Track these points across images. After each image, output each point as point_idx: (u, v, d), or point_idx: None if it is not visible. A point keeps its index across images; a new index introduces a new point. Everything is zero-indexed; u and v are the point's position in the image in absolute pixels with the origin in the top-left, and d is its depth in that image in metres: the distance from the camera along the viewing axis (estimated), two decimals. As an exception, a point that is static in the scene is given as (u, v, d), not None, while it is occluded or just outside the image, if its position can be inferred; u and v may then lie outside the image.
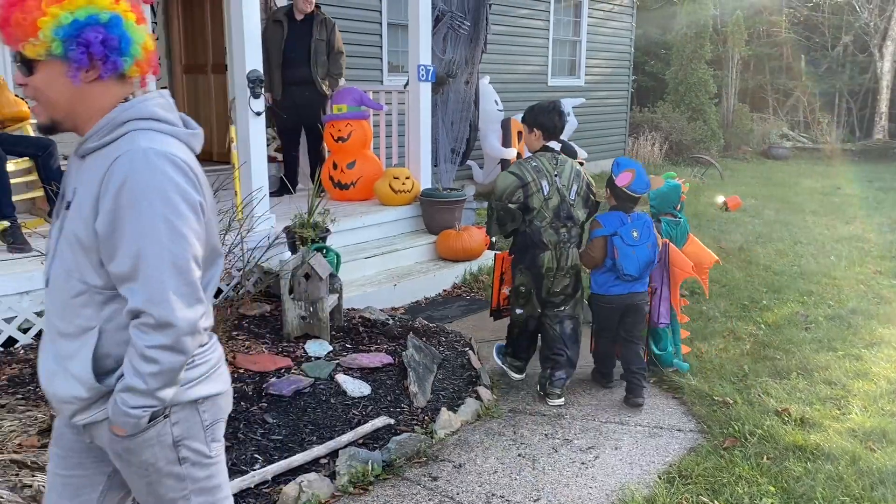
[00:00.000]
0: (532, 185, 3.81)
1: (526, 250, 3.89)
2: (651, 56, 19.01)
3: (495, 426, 3.62)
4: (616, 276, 3.85)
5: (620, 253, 3.78)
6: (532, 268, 3.87)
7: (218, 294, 4.77)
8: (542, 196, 3.81)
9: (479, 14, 7.34)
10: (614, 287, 3.88)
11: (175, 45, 8.16)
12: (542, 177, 3.83)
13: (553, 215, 3.83)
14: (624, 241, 3.79)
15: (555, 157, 3.91)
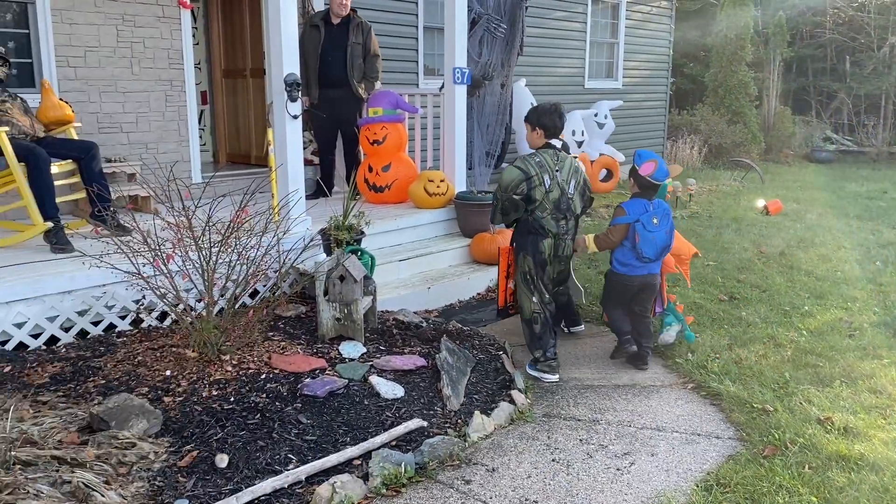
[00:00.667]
0: (535, 179, 4.13)
1: (528, 236, 4.22)
2: (690, 58, 18.75)
3: (529, 430, 3.59)
4: (636, 257, 4.17)
5: (642, 238, 4.11)
6: (535, 254, 4.20)
7: (254, 295, 4.82)
8: (543, 189, 4.13)
9: (516, 16, 7.31)
10: (636, 269, 4.23)
11: (215, 50, 8.28)
12: (544, 171, 4.15)
13: (554, 207, 4.16)
14: (645, 228, 4.13)
15: (556, 153, 4.24)
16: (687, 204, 9.73)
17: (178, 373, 3.73)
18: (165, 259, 3.82)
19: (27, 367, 3.79)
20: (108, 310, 4.32)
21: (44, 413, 3.28)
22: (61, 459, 2.82)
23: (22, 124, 4.93)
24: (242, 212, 4.00)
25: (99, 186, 4.82)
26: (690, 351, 4.59)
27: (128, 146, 6.25)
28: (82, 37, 5.87)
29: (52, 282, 4.10)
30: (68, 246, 4.59)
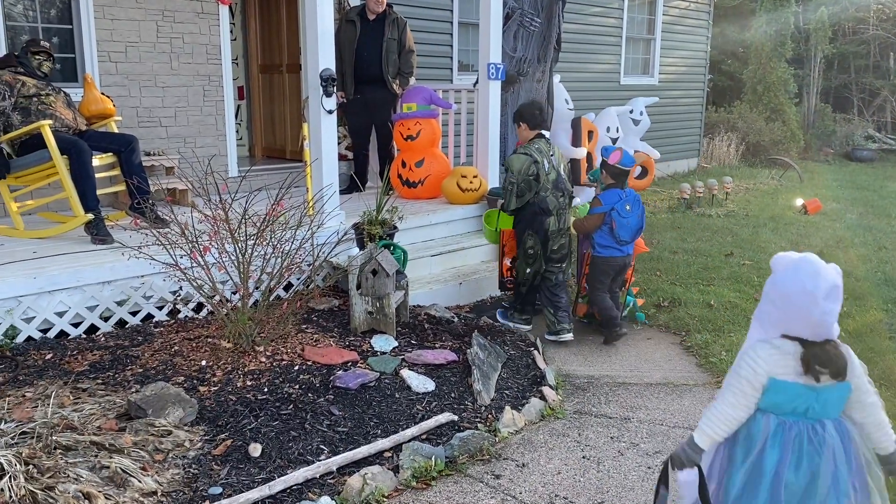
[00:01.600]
0: (539, 162, 4.67)
1: (534, 217, 4.73)
2: (728, 55, 18.46)
3: (560, 427, 3.58)
4: (615, 240, 4.67)
5: (618, 224, 4.62)
6: (539, 231, 4.73)
7: (288, 288, 4.87)
8: (545, 171, 4.69)
9: (553, 11, 7.26)
10: (616, 251, 4.72)
11: (252, 45, 8.37)
12: (543, 156, 4.72)
13: (553, 186, 4.74)
14: (620, 215, 4.62)
15: (547, 141, 4.84)
16: (723, 202, 9.60)
17: (213, 363, 3.79)
18: (202, 251, 3.89)
19: (68, 355, 3.89)
20: (145, 300, 4.40)
21: (83, 400, 3.36)
22: (100, 445, 2.89)
23: (65, 118, 5.04)
24: (278, 205, 4.05)
25: (138, 179, 4.91)
26: (725, 350, 4.54)
27: (166, 140, 6.36)
28: (123, 32, 5.98)
29: (92, 272, 4.19)
30: (108, 237, 4.69)
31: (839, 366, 2.01)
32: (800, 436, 2.04)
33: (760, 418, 2.09)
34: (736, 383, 2.08)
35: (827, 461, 2.02)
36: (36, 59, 5.05)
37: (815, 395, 2.03)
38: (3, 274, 4.01)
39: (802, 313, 2.00)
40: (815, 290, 1.97)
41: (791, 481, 2.02)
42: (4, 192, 4.94)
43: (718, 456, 2.19)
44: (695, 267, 6.45)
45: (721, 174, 11.66)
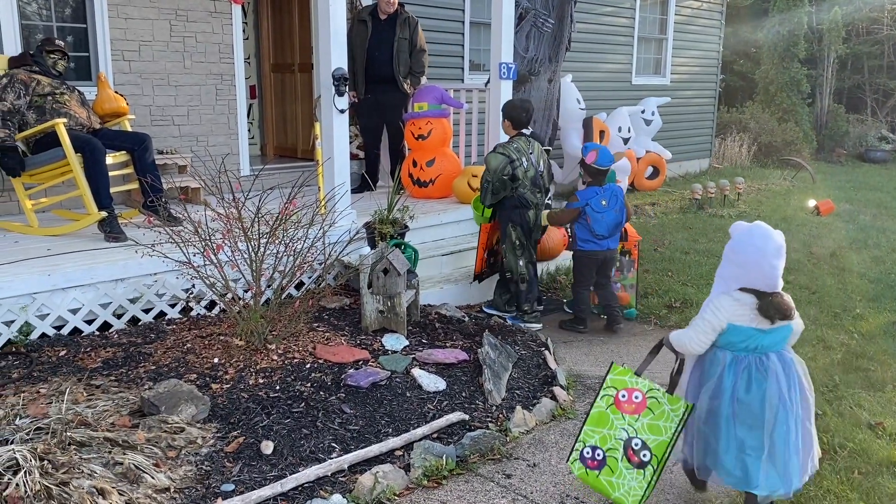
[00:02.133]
0: (516, 161, 4.83)
1: (515, 210, 4.90)
2: (740, 55, 18.38)
3: (570, 427, 3.57)
4: (592, 235, 4.81)
5: (592, 219, 4.76)
6: (523, 224, 4.90)
7: (300, 286, 4.89)
8: (523, 168, 4.85)
9: (564, 11, 7.25)
10: (596, 245, 4.84)
11: (264, 44, 8.40)
12: (521, 154, 4.88)
13: (531, 183, 4.90)
14: (594, 210, 4.77)
15: (527, 140, 4.99)
16: (735, 203, 9.56)
17: (225, 360, 3.80)
18: (215, 249, 3.90)
19: (81, 352, 3.91)
20: (158, 298, 4.42)
21: (97, 396, 3.38)
22: (113, 441, 2.91)
23: (79, 116, 5.08)
24: (290, 204, 4.06)
25: (152, 177, 4.94)
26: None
27: (179, 138, 6.39)
28: (137, 31, 6.02)
29: (105, 269, 4.22)
30: (122, 235, 4.72)
31: (788, 311, 2.62)
32: (749, 366, 2.66)
33: (719, 353, 2.72)
34: (701, 325, 2.70)
35: (772, 384, 2.63)
36: (51, 57, 5.08)
37: (763, 336, 2.64)
38: (18, 271, 4.04)
39: (756, 268, 2.61)
40: (765, 248, 2.60)
41: (743, 399, 2.65)
42: (19, 189, 4.98)
43: (691, 384, 2.84)
44: (706, 267, 6.43)
45: (733, 175, 11.62)
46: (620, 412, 2.80)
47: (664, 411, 2.73)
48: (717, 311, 2.65)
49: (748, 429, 2.63)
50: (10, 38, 5.42)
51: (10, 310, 3.92)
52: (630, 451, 2.73)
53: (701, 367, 2.79)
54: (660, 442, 2.70)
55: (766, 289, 2.61)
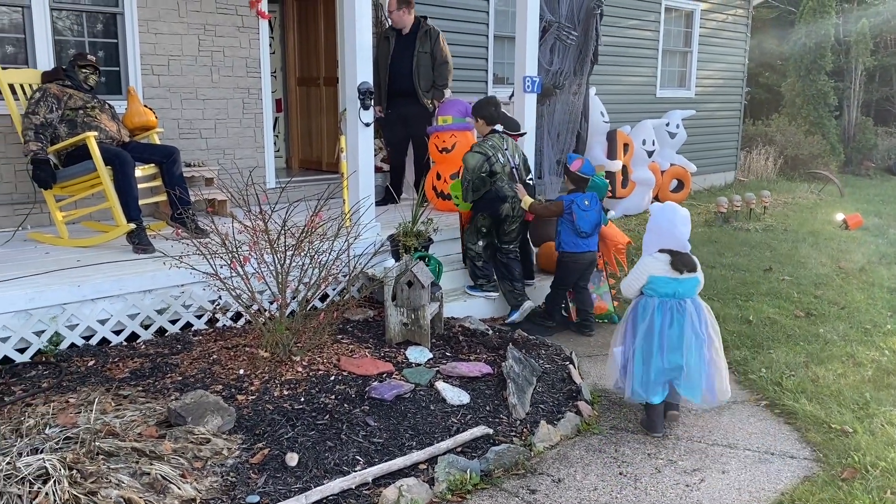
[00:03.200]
0: (493, 158, 5.12)
1: (492, 203, 5.17)
2: (766, 67, 18.24)
3: (596, 442, 3.55)
4: (576, 234, 5.03)
5: (578, 216, 5.01)
6: (494, 214, 5.18)
7: (324, 298, 4.91)
8: (500, 164, 5.14)
9: (589, 25, 7.27)
10: (580, 246, 5.06)
11: (290, 58, 8.49)
12: (497, 150, 5.17)
13: (508, 177, 5.19)
14: (580, 207, 5.03)
15: (501, 136, 5.28)
16: (761, 216, 9.47)
17: (250, 372, 3.83)
18: (242, 261, 3.94)
19: (109, 362, 3.96)
20: (185, 309, 4.47)
21: (125, 406, 3.41)
22: (141, 451, 2.93)
23: (109, 129, 5.16)
24: (316, 217, 4.09)
25: (180, 190, 5.00)
26: (764, 367, 4.46)
27: (206, 151, 6.47)
28: (166, 46, 6.12)
29: (133, 280, 4.27)
30: (150, 246, 4.78)
31: (692, 265, 3.61)
32: (671, 308, 3.59)
33: (648, 300, 3.64)
34: (632, 276, 3.71)
35: (687, 321, 3.58)
36: (82, 72, 5.18)
37: (678, 284, 3.60)
38: (49, 281, 4.11)
39: (668, 234, 3.60)
40: (674, 219, 3.60)
41: (668, 333, 3.57)
42: (50, 201, 5.07)
43: (628, 327, 3.73)
44: (732, 282, 6.36)
45: (759, 188, 11.50)
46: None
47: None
48: (644, 266, 3.65)
49: (671, 353, 3.54)
50: (44, 54, 5.53)
51: (41, 320, 3.98)
52: None
53: (634, 312, 3.70)
54: None
55: (677, 247, 3.60)
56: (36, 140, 4.85)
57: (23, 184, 5.51)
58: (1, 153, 5.46)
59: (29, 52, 5.53)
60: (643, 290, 3.67)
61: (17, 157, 5.43)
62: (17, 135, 5.08)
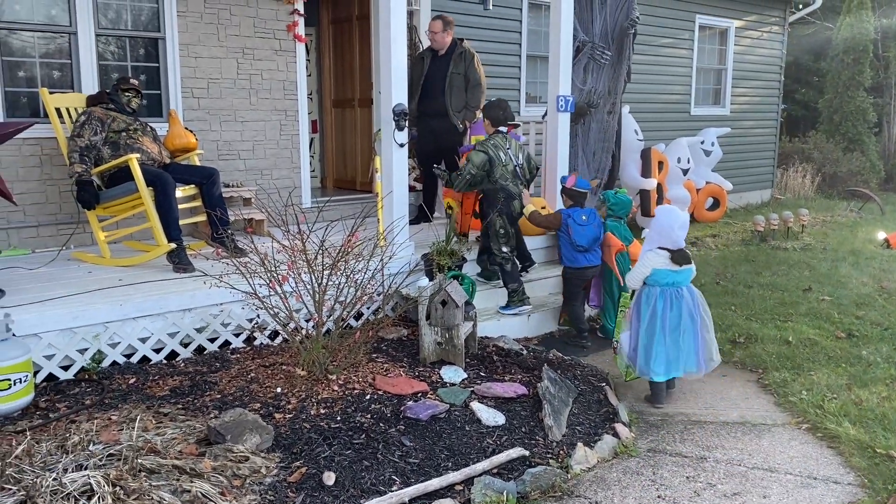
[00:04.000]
0: (494, 157, 5.32)
1: (501, 201, 5.33)
2: (802, 83, 18.03)
3: (633, 465, 3.51)
4: (574, 248, 5.19)
5: (574, 231, 5.18)
6: (508, 212, 5.35)
7: (359, 317, 4.95)
8: (502, 163, 5.33)
9: (623, 44, 7.27)
10: (582, 260, 5.22)
11: (326, 80, 8.63)
12: (499, 150, 5.37)
13: (511, 175, 5.38)
14: (575, 222, 5.20)
15: (504, 137, 5.48)
16: (799, 235, 9.32)
17: (288, 390, 3.87)
18: (280, 280, 3.99)
19: (150, 380, 4.03)
20: (224, 327, 4.53)
21: (165, 424, 3.47)
22: (181, 469, 2.98)
23: (151, 151, 5.28)
24: (353, 236, 4.14)
25: (219, 210, 5.08)
26: (805, 389, 4.38)
27: (244, 172, 6.58)
28: (206, 69, 6.26)
29: (174, 299, 4.35)
30: (189, 266, 4.86)
31: (689, 259, 4.16)
32: (671, 295, 4.16)
33: (652, 289, 4.20)
34: (637, 269, 4.25)
35: (684, 306, 4.16)
36: (125, 95, 5.32)
37: (676, 274, 4.17)
38: (92, 300, 4.20)
39: (667, 235, 4.15)
40: (674, 224, 4.14)
41: (668, 316, 4.15)
42: (93, 221, 5.19)
43: (633, 313, 4.28)
44: (771, 302, 6.27)
45: (796, 206, 11.34)
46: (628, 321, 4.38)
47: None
48: (647, 260, 4.19)
49: (672, 333, 4.14)
50: (89, 78, 5.70)
51: (84, 338, 4.07)
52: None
53: (639, 301, 4.25)
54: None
55: (674, 247, 4.15)
56: (80, 162, 4.98)
57: (67, 204, 5.66)
58: (46, 175, 5.62)
59: (74, 77, 5.70)
60: (646, 281, 4.22)
61: (62, 178, 5.59)
62: (63, 157, 5.23)
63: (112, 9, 5.86)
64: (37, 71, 5.63)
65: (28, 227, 5.61)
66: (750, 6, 11.95)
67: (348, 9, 8.11)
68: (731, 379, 4.71)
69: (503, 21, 8.49)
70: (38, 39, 5.61)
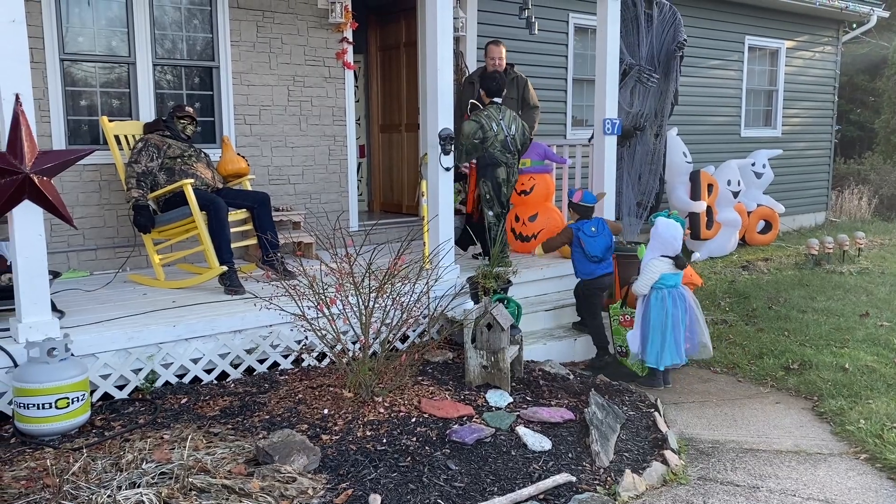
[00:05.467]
0: (486, 126, 5.67)
1: (487, 167, 5.80)
2: (857, 103, 17.63)
3: (683, 493, 3.44)
4: (588, 259, 5.32)
5: (586, 243, 5.31)
6: (491, 179, 5.80)
7: (404, 340, 4.98)
8: (493, 133, 5.69)
9: (670, 67, 7.22)
10: (596, 270, 5.33)
11: (373, 106, 8.77)
12: (492, 120, 5.71)
13: (501, 145, 5.74)
14: (586, 234, 5.34)
15: (498, 107, 5.80)
16: (855, 258, 9.06)
17: (334, 412, 3.90)
18: (328, 303, 4.05)
19: (201, 400, 4.11)
20: (272, 348, 4.60)
21: (215, 444, 3.53)
22: (230, 489, 3.02)
23: (205, 177, 5.43)
24: (399, 259, 4.18)
25: (270, 234, 5.19)
26: (863, 418, 4.24)
27: (294, 196, 6.71)
28: (258, 97, 6.43)
29: (225, 321, 4.44)
30: (240, 288, 4.96)
31: (685, 263, 4.84)
32: (674, 295, 4.81)
33: (660, 292, 4.81)
34: (648, 276, 4.82)
35: (686, 304, 4.85)
36: (181, 122, 5.49)
37: (676, 277, 4.84)
38: (147, 321, 4.32)
39: (670, 244, 4.80)
40: (676, 234, 4.81)
41: (674, 313, 4.79)
42: (149, 244, 5.35)
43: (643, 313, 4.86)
44: (826, 327, 6.10)
45: (852, 229, 11.04)
46: (623, 327, 5.09)
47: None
48: (653, 268, 4.81)
49: (674, 328, 4.77)
50: (146, 106, 5.91)
51: (139, 358, 4.18)
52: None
53: (647, 303, 4.83)
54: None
55: (674, 254, 4.80)
56: (137, 187, 5.15)
57: (124, 228, 5.85)
58: (105, 200, 5.82)
59: (132, 105, 5.92)
60: (653, 286, 4.80)
61: (120, 203, 5.78)
62: (120, 182, 5.41)
63: (168, 39, 6.07)
64: (97, 100, 5.86)
65: (87, 251, 5.80)
66: (801, 26, 11.77)
67: (396, 36, 8.25)
68: (784, 406, 4.59)
69: (549, 45, 8.53)
70: (98, 70, 5.84)
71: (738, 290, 7.46)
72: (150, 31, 5.90)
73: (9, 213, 3.75)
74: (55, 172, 3.87)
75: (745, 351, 5.58)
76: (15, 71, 3.70)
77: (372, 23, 8.54)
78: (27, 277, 3.82)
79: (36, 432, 3.61)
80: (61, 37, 5.57)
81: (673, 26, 7.34)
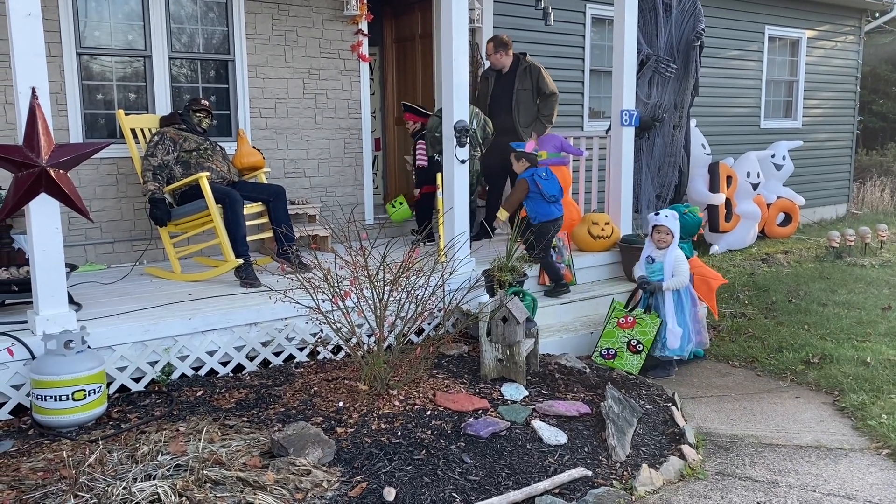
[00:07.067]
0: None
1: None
2: (880, 94, 17.36)
3: (700, 488, 3.40)
4: (546, 201, 5.42)
5: (542, 184, 5.39)
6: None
7: (419, 333, 4.96)
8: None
9: (689, 57, 7.14)
10: (552, 212, 5.47)
11: (388, 99, 8.74)
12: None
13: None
14: (541, 177, 5.42)
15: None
16: (877, 251, 8.93)
17: (349, 405, 3.90)
18: (343, 296, 4.04)
19: (217, 393, 4.12)
20: (288, 341, 4.61)
21: (230, 436, 3.53)
22: (245, 481, 3.02)
23: (220, 170, 5.44)
24: (413, 252, 4.16)
25: (285, 227, 5.19)
26: (885, 412, 4.17)
27: (309, 189, 6.71)
28: (273, 90, 6.42)
29: (241, 314, 4.44)
30: (256, 281, 4.97)
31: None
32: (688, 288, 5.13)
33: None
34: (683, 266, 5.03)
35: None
36: (196, 116, 5.50)
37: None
38: (163, 314, 4.33)
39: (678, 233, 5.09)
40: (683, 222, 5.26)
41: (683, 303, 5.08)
42: (165, 237, 5.37)
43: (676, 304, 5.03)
44: (847, 321, 6.01)
45: (874, 221, 10.88)
46: (622, 328, 5.01)
47: (646, 323, 4.95)
48: (684, 258, 5.08)
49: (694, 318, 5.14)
50: (162, 99, 5.92)
51: (155, 351, 4.20)
52: (631, 346, 4.92)
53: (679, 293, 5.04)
54: (647, 338, 4.90)
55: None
56: (154, 180, 5.17)
57: (141, 221, 5.87)
58: (122, 193, 5.85)
59: (149, 98, 5.94)
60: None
61: (136, 196, 5.81)
62: (136, 175, 5.44)
63: (185, 33, 6.08)
64: (114, 93, 5.88)
65: (104, 244, 5.84)
66: (822, 16, 11.59)
67: (411, 28, 8.22)
68: (804, 401, 4.53)
69: (566, 36, 8.46)
70: (115, 63, 5.86)
71: (757, 284, 7.37)
72: (166, 24, 5.91)
73: (26, 206, 3.77)
74: (71, 166, 3.89)
75: (764, 345, 5.51)
76: (31, 65, 3.71)
77: (387, 14, 8.51)
78: (44, 270, 3.84)
79: (53, 424, 3.64)
80: (78, 31, 5.60)
81: (693, 16, 7.25)
